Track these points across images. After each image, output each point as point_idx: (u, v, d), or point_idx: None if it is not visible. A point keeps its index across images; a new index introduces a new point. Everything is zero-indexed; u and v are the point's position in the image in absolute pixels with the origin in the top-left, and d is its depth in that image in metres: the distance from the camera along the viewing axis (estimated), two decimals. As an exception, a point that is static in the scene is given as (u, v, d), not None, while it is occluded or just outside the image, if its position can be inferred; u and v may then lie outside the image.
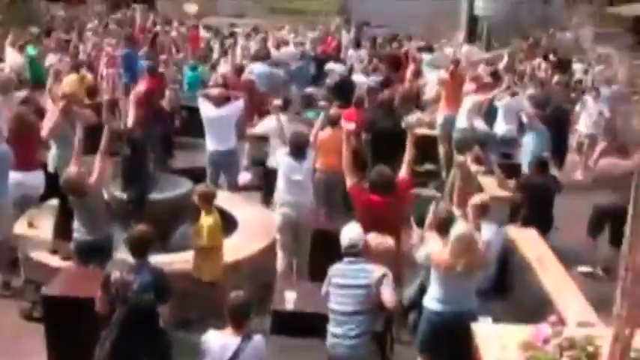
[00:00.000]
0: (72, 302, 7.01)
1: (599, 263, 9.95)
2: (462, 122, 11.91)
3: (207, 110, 10.93)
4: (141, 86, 12.34)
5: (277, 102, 10.89)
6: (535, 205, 9.61)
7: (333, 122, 10.05)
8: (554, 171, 10.96)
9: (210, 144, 10.96)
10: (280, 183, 8.98)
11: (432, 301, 6.76)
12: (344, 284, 6.43)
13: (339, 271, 6.51)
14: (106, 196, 8.13)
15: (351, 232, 6.65)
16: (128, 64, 15.14)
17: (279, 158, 9.04)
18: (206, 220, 7.64)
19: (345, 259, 6.55)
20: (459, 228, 6.63)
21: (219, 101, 10.98)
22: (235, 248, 8.69)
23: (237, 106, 11.02)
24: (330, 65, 15.81)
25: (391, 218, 7.72)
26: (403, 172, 8.13)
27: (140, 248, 6.27)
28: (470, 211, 7.38)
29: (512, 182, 10.27)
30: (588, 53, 22.63)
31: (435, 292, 6.74)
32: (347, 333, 6.37)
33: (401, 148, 8.42)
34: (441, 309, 6.70)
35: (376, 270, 6.44)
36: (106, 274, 6.23)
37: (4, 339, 7.80)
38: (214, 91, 11.30)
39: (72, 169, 7.70)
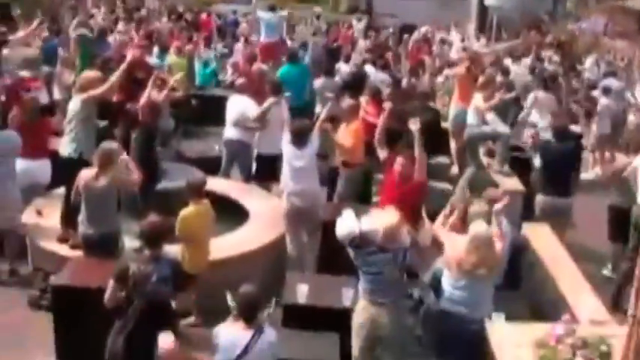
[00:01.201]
0: (80, 292, 6.95)
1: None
2: (471, 118, 11.68)
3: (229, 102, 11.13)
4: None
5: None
6: (554, 171, 9.59)
7: (352, 113, 9.98)
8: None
9: (226, 131, 11.03)
10: (284, 171, 9.00)
11: (444, 301, 6.64)
12: (367, 271, 6.36)
13: (359, 262, 6.38)
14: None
15: (342, 228, 6.32)
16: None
17: (283, 146, 9.00)
18: (184, 211, 7.52)
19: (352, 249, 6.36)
20: (476, 227, 6.53)
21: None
22: (245, 240, 8.64)
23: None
24: (339, 65, 15.72)
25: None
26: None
27: (156, 240, 6.19)
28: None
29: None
30: (602, 45, 22.46)
31: (447, 291, 6.62)
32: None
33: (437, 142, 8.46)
34: (452, 309, 6.56)
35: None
36: (122, 265, 6.13)
37: (12, 327, 7.74)
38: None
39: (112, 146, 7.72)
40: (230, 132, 10.95)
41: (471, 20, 32.39)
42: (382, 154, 8.47)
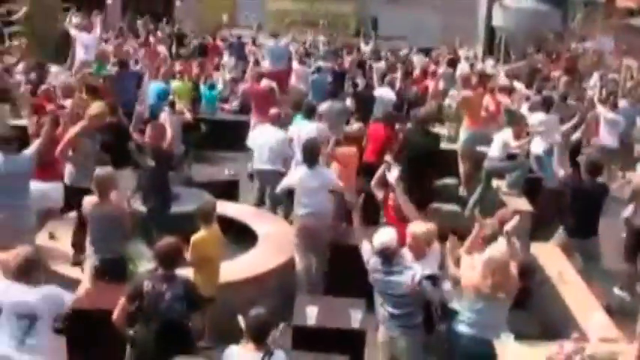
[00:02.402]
0: (94, 315, 7.01)
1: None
2: (495, 151, 11.56)
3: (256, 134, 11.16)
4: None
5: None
6: (580, 210, 9.21)
7: (352, 138, 10.11)
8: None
9: (257, 162, 11.03)
10: (297, 192, 9.02)
11: (459, 324, 6.67)
12: (385, 291, 6.55)
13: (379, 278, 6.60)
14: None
15: (382, 236, 6.60)
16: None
17: (296, 166, 9.09)
18: (195, 236, 7.56)
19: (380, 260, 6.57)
20: (492, 250, 6.58)
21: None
22: (254, 263, 8.70)
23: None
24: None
25: None
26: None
27: (170, 259, 6.27)
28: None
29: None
30: (608, 64, 22.44)
31: (463, 314, 6.66)
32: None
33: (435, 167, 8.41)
34: (467, 332, 6.60)
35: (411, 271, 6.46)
36: (135, 284, 6.25)
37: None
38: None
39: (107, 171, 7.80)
40: (263, 162, 10.88)
41: (479, 41, 32.52)
42: (379, 194, 8.49)
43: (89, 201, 7.73)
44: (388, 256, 6.54)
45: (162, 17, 28.07)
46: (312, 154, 8.92)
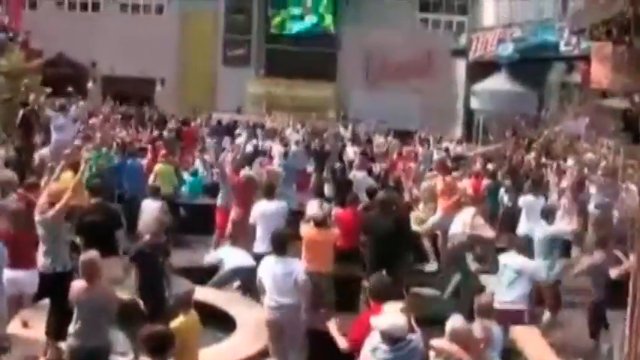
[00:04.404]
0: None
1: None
2: (456, 228, 11.72)
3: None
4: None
5: None
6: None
7: (320, 222, 10.06)
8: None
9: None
10: (266, 282, 8.73)
11: None
12: None
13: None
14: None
15: (396, 320, 6.43)
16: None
17: (266, 258, 8.97)
18: (174, 322, 7.41)
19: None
20: (453, 322, 6.54)
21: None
22: (233, 349, 8.59)
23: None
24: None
25: None
26: None
27: (162, 348, 6.16)
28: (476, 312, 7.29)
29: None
30: (580, 148, 22.69)
31: None
32: None
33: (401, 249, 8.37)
34: None
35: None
36: None
37: None
38: None
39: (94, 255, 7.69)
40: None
41: (457, 124, 33.06)
42: None
43: (78, 286, 7.62)
44: (397, 339, 6.35)
45: (142, 101, 28.43)
46: (280, 243, 8.84)
